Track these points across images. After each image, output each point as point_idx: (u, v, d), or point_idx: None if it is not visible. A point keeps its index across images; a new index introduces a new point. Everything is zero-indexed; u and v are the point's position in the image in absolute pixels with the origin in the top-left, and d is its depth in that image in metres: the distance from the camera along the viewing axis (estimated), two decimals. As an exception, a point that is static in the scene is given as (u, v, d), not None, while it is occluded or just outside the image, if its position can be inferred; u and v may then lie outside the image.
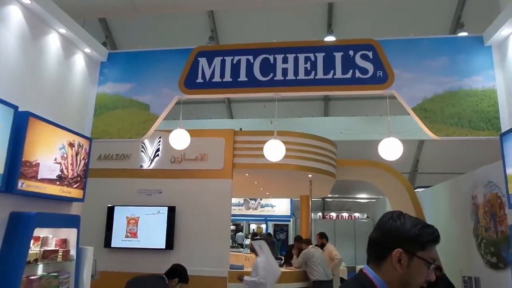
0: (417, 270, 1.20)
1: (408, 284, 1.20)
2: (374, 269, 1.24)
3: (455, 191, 7.93)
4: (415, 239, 1.20)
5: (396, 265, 1.19)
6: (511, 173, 3.70)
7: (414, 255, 1.19)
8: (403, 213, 1.27)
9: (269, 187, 9.50)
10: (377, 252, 1.25)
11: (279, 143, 4.33)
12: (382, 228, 1.26)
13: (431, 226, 1.25)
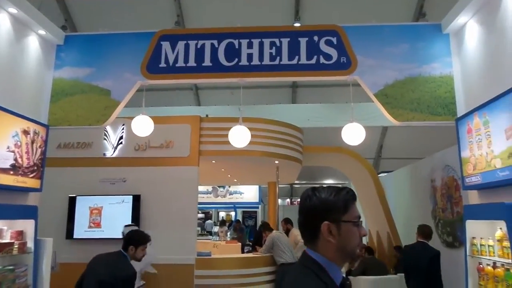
0: (349, 233, 1.24)
1: (345, 249, 1.24)
2: (313, 249, 1.26)
3: (415, 175, 8.26)
4: (335, 206, 1.24)
5: (329, 238, 1.23)
6: (465, 156, 3.87)
7: (340, 221, 1.23)
8: (315, 187, 1.29)
9: (236, 174, 9.49)
10: (309, 233, 1.27)
11: (244, 129, 4.31)
12: (303, 210, 1.29)
13: (344, 187, 1.29)
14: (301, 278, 1.23)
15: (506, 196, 3.30)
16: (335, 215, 1.24)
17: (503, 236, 3.24)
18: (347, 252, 1.25)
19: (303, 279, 1.22)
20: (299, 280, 1.23)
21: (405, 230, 8.50)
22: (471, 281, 3.57)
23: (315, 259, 1.25)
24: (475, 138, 3.65)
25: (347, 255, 1.26)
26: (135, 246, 3.25)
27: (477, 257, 3.52)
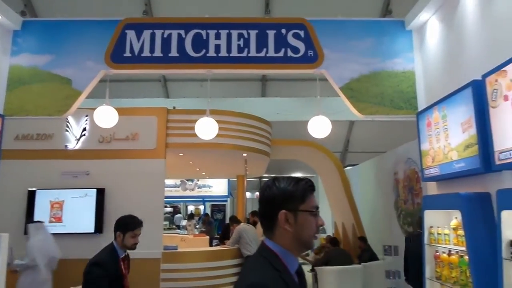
0: (305, 223, 1.26)
1: (301, 238, 1.26)
2: (271, 238, 1.28)
3: (379, 168, 8.51)
4: (293, 196, 1.26)
5: (286, 226, 1.25)
6: (425, 148, 4.02)
7: (297, 210, 1.25)
8: (276, 177, 1.32)
9: (205, 167, 9.42)
10: (267, 222, 1.29)
11: (211, 121, 4.27)
12: (263, 199, 1.30)
13: (303, 178, 1.31)
14: (255, 267, 1.25)
15: (461, 187, 3.46)
16: (293, 204, 1.26)
17: (458, 225, 3.40)
18: (303, 241, 1.27)
19: (256, 267, 1.24)
20: (252, 269, 1.25)
21: (369, 221, 8.77)
22: (428, 268, 3.73)
23: (271, 248, 1.27)
24: (434, 131, 3.80)
25: (303, 244, 1.28)
26: (122, 232, 2.86)
27: (434, 245, 3.68)
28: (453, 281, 3.31)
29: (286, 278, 1.21)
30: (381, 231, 8.24)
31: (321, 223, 1.31)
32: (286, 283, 1.19)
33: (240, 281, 1.22)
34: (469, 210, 3.06)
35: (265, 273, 1.19)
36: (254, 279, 1.17)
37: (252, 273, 1.21)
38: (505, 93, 2.82)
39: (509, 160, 2.74)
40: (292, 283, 1.22)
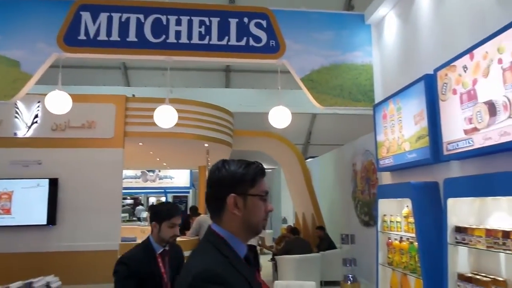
0: (255, 207, 1.23)
1: (250, 223, 1.23)
2: (218, 223, 1.25)
3: (338, 160, 8.73)
4: (243, 179, 1.22)
5: (234, 211, 1.21)
6: (380, 140, 4.16)
7: (247, 194, 1.21)
8: (226, 160, 1.28)
9: (165, 157, 9.24)
10: (215, 206, 1.25)
11: (170, 109, 4.17)
12: (211, 181, 1.26)
13: (254, 162, 1.28)
14: (202, 253, 1.21)
15: (413, 176, 3.61)
16: (242, 188, 1.22)
17: (409, 213, 3.55)
18: (252, 226, 1.24)
19: (204, 254, 1.20)
20: (199, 255, 1.21)
21: (328, 211, 9.00)
22: (381, 255, 3.88)
23: (218, 233, 1.23)
24: (389, 123, 3.93)
25: (252, 229, 1.25)
26: (157, 222, 2.43)
27: (387, 232, 3.83)
28: (404, 266, 3.47)
29: (235, 264, 1.17)
30: (339, 221, 8.49)
31: (270, 209, 1.28)
32: (235, 269, 1.16)
33: (186, 268, 1.17)
34: (418, 198, 3.20)
35: (213, 259, 1.16)
36: (202, 265, 1.13)
37: (199, 260, 1.17)
38: (454, 87, 2.96)
39: (456, 150, 2.89)
40: (242, 269, 1.19)
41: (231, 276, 1.11)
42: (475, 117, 2.71)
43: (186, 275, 1.13)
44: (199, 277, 1.09)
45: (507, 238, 2.32)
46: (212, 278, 1.08)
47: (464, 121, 2.81)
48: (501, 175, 2.31)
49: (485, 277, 2.53)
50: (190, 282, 1.09)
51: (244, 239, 1.26)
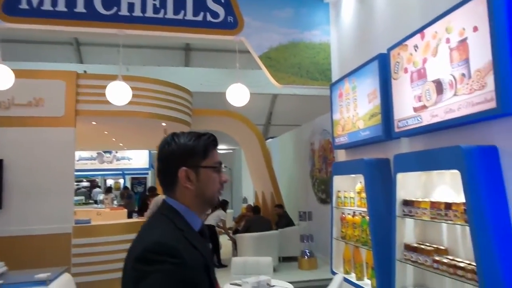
0: (208, 179, 1.21)
1: (204, 195, 1.21)
2: (172, 197, 1.22)
3: (297, 139, 8.86)
4: (194, 151, 1.19)
5: (187, 184, 1.18)
6: (336, 118, 4.24)
7: (199, 167, 1.19)
8: (176, 133, 1.24)
9: (122, 137, 8.94)
10: (167, 181, 1.22)
11: (123, 85, 4.00)
12: (161, 156, 1.22)
13: (205, 133, 1.24)
14: (155, 226, 1.17)
15: (366, 153, 3.73)
16: (194, 160, 1.19)
17: (362, 189, 3.68)
18: (206, 198, 1.22)
19: (157, 226, 1.16)
20: (153, 228, 1.17)
21: (287, 190, 9.18)
22: (335, 229, 4.01)
23: (172, 206, 1.20)
24: (345, 102, 4.01)
25: (206, 201, 1.23)
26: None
27: (341, 208, 3.96)
28: (356, 239, 3.61)
29: (190, 237, 1.15)
30: (297, 199, 8.69)
31: (225, 179, 1.26)
32: (189, 242, 1.13)
33: (137, 241, 1.13)
34: (370, 174, 3.31)
35: (166, 231, 1.12)
36: (154, 238, 1.09)
37: (152, 232, 1.13)
38: (406, 65, 3.04)
39: (406, 128, 3.00)
40: (196, 241, 1.16)
41: (185, 250, 1.09)
42: (424, 95, 2.81)
43: (136, 248, 1.08)
44: (151, 249, 1.05)
45: (448, 209, 2.46)
46: (165, 250, 1.05)
47: (414, 99, 2.91)
48: (444, 150, 2.43)
49: (429, 246, 2.68)
50: (139, 254, 1.05)
51: (199, 212, 1.24)
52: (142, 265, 1.03)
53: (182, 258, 1.05)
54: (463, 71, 2.44)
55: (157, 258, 1.03)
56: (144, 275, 1.01)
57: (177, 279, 1.02)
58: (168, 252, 1.04)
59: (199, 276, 1.11)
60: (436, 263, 2.52)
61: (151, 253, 1.04)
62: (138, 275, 1.02)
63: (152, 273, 1.01)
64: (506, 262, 2.11)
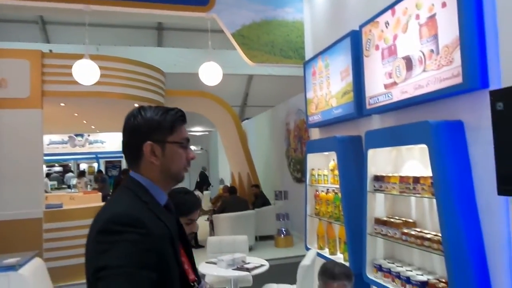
0: (174, 155, 1.19)
1: (169, 171, 1.20)
2: (137, 171, 1.19)
3: (273, 120, 8.87)
4: (160, 126, 1.17)
5: (152, 159, 1.16)
6: (310, 97, 4.24)
7: (165, 142, 1.17)
8: (142, 106, 1.21)
9: (93, 119, 8.70)
10: (132, 155, 1.19)
11: (90, 64, 3.85)
12: (127, 129, 1.19)
13: (174, 108, 1.22)
14: (119, 198, 1.15)
15: (339, 131, 3.76)
16: (160, 135, 1.17)
17: (335, 166, 3.73)
18: (171, 174, 1.20)
19: (121, 199, 1.15)
20: (116, 200, 1.15)
21: (263, 170, 9.23)
22: (309, 206, 4.07)
23: (137, 180, 1.18)
24: (318, 80, 4.01)
25: (172, 177, 1.21)
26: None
27: (315, 185, 4.01)
28: (329, 215, 3.68)
29: (155, 209, 1.13)
30: (273, 178, 8.76)
31: (192, 157, 1.24)
32: (154, 214, 1.12)
33: (101, 214, 1.10)
34: (342, 151, 3.36)
35: (130, 203, 1.10)
36: (118, 209, 1.07)
37: (115, 205, 1.12)
38: (377, 42, 3.05)
39: (377, 104, 3.03)
40: (162, 215, 1.15)
41: (150, 221, 1.07)
42: (394, 71, 2.84)
43: (99, 221, 1.06)
44: (114, 220, 1.02)
45: (417, 183, 2.53)
46: (129, 221, 1.02)
47: (385, 76, 2.94)
48: (413, 125, 2.48)
49: (398, 220, 2.76)
50: (102, 226, 1.02)
51: (164, 187, 1.22)
52: (106, 236, 1.00)
53: (147, 229, 1.03)
54: (432, 47, 2.47)
55: (121, 229, 1.01)
56: (109, 246, 0.98)
57: (144, 248, 1.00)
58: (132, 223, 1.02)
59: (165, 247, 1.10)
60: (405, 235, 2.60)
61: (115, 224, 1.02)
62: (102, 247, 0.99)
63: (117, 242, 0.99)
64: (470, 232, 2.20)
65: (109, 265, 0.95)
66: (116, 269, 0.95)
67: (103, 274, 0.95)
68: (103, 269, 0.95)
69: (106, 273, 0.95)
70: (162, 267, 1.06)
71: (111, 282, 0.94)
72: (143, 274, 0.97)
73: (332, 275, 1.97)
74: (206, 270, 3.31)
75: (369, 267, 2.92)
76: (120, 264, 0.95)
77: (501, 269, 2.12)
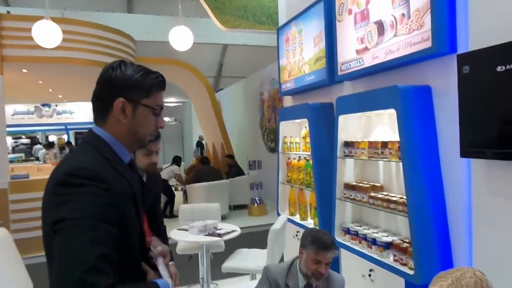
0: (144, 119, 1.14)
1: (136, 134, 1.15)
2: (101, 126, 1.14)
3: (247, 90, 8.78)
4: (138, 86, 1.11)
5: (121, 116, 1.11)
6: (283, 64, 4.19)
7: (138, 103, 1.12)
8: (125, 61, 1.16)
9: (59, 88, 8.33)
10: (101, 108, 1.14)
11: (51, 25, 3.64)
12: (102, 80, 1.13)
13: (156, 72, 1.17)
14: (78, 153, 1.10)
15: (311, 99, 3.74)
16: (135, 95, 1.11)
17: (306, 134, 3.74)
18: (138, 137, 1.16)
19: (80, 153, 1.09)
20: (75, 155, 1.10)
21: (237, 140, 9.22)
22: (281, 173, 4.11)
23: (99, 135, 1.12)
24: (291, 46, 3.95)
25: (137, 141, 1.17)
26: None
27: (287, 153, 4.03)
28: (300, 182, 3.72)
29: (118, 166, 1.09)
30: (247, 148, 8.78)
31: (162, 125, 1.20)
32: (117, 171, 1.07)
33: (58, 167, 1.04)
34: (314, 118, 3.36)
35: (91, 157, 1.05)
36: (77, 163, 1.01)
37: (75, 159, 1.06)
38: (350, 7, 3.00)
39: (349, 70, 3.02)
40: (125, 172, 1.11)
41: (112, 177, 1.03)
42: (366, 37, 2.81)
43: (56, 173, 1.00)
44: (73, 173, 0.97)
45: (385, 148, 2.57)
46: (89, 174, 0.98)
47: (357, 41, 2.91)
48: (382, 90, 2.48)
49: (366, 184, 2.82)
50: (60, 178, 0.97)
51: (128, 147, 1.17)
52: (65, 188, 0.96)
53: (109, 184, 1.00)
54: (403, 11, 2.45)
55: (81, 182, 0.96)
56: (67, 198, 0.94)
57: (105, 202, 0.96)
58: (93, 177, 0.98)
59: (127, 205, 1.07)
60: (372, 199, 2.66)
61: (75, 177, 0.97)
62: (60, 199, 0.95)
63: (77, 195, 0.94)
64: (433, 194, 2.27)
65: (68, 217, 0.91)
66: (75, 220, 0.91)
67: (60, 226, 0.91)
68: (61, 221, 0.91)
69: (63, 224, 0.90)
70: (123, 224, 1.02)
71: (69, 234, 0.89)
72: (103, 227, 0.93)
73: (325, 246, 1.87)
74: (178, 237, 3.31)
75: (338, 230, 3.00)
76: (79, 216, 0.91)
77: (461, 229, 2.21)
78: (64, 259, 0.88)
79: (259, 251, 3.52)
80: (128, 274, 1.00)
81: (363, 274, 2.69)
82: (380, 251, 2.55)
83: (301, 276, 1.94)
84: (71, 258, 0.87)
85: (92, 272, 0.86)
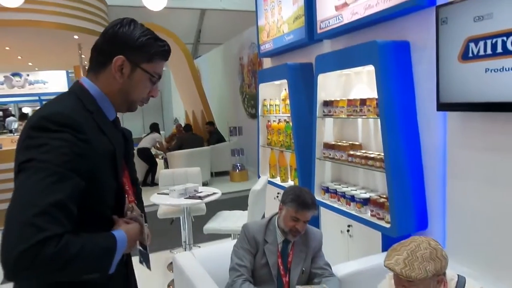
0: (139, 83, 1.09)
1: (128, 95, 1.10)
2: (92, 79, 1.08)
3: (226, 55, 8.59)
4: (142, 49, 1.07)
5: (117, 74, 1.06)
6: (261, 24, 4.08)
7: (138, 65, 1.07)
8: (137, 22, 1.10)
9: (29, 55, 7.93)
10: (98, 60, 1.08)
11: (13, -18, 3.39)
12: (107, 33, 1.07)
13: (163, 40, 1.12)
14: (60, 99, 1.03)
15: (291, 59, 3.68)
16: (137, 57, 1.06)
17: (286, 96, 3.70)
18: (128, 99, 1.10)
19: (60, 100, 1.02)
20: (57, 100, 1.02)
21: (217, 107, 9.12)
22: (261, 137, 4.09)
23: (85, 87, 1.06)
24: (270, 5, 3.83)
25: (126, 102, 1.12)
26: None
27: (267, 116, 4.00)
28: (280, 144, 3.72)
29: (100, 122, 1.03)
30: (227, 115, 8.71)
31: (155, 94, 1.15)
32: (98, 126, 1.02)
33: (38, 110, 0.97)
34: (293, 79, 3.31)
35: (72, 106, 0.99)
36: (56, 109, 0.95)
37: (56, 104, 0.99)
38: (329, -39, 2.90)
39: (328, 28, 2.96)
40: (107, 129, 1.05)
41: (90, 130, 0.97)
42: (345, -8, 2.74)
43: (33, 117, 0.94)
44: (49, 118, 0.91)
45: (363, 105, 2.56)
46: (67, 122, 0.92)
47: (336, -3, 2.83)
48: (361, 46, 2.45)
49: (345, 143, 2.84)
50: (35, 122, 0.91)
51: (115, 106, 1.11)
52: (40, 132, 0.90)
53: (86, 135, 0.94)
54: (383, -37, 2.37)
55: (58, 128, 0.90)
56: (41, 141, 0.88)
57: (78, 153, 0.91)
58: (69, 125, 0.92)
59: (102, 159, 1.01)
60: (351, 157, 2.68)
61: (52, 122, 0.91)
62: (33, 142, 0.89)
63: (50, 139, 0.89)
64: (409, 149, 2.30)
65: (36, 159, 0.86)
66: (42, 163, 0.86)
67: (27, 165, 0.86)
68: (29, 161, 0.86)
69: (30, 164, 0.86)
70: (93, 179, 0.96)
71: (33, 174, 0.85)
72: (69, 176, 0.88)
73: (306, 204, 1.85)
74: (158, 200, 3.29)
75: (317, 189, 3.03)
76: (47, 159, 0.86)
77: (435, 182, 2.27)
78: (20, 196, 0.84)
79: (240, 213, 3.55)
80: (92, 229, 0.95)
81: (341, 230, 2.76)
82: (358, 207, 2.61)
83: (279, 232, 1.96)
84: (27, 197, 0.83)
85: (43, 217, 0.81)
